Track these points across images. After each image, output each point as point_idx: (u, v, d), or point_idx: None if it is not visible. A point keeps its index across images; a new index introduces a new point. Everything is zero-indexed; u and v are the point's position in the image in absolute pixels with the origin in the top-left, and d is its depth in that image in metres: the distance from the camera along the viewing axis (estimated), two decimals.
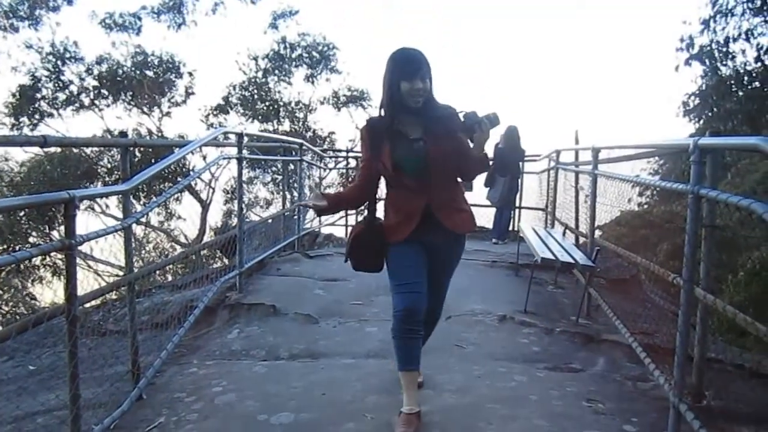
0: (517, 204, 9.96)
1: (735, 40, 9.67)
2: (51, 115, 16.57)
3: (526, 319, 4.76)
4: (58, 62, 16.40)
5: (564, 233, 6.59)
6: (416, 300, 2.72)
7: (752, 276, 6.87)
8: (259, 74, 17.85)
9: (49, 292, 14.73)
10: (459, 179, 2.92)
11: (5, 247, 14.43)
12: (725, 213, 2.84)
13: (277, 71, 17.54)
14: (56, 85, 16.51)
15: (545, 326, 4.62)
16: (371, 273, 3.07)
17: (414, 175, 2.75)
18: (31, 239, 14.93)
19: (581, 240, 6.35)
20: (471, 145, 2.74)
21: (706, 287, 2.90)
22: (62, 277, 2.77)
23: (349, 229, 7.05)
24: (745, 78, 9.83)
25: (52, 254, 9.93)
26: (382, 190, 3.01)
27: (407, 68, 2.68)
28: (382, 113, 2.81)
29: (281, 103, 17.83)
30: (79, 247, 3.00)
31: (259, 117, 17.62)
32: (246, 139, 5.55)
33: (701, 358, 3.17)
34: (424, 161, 2.72)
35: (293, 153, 7.88)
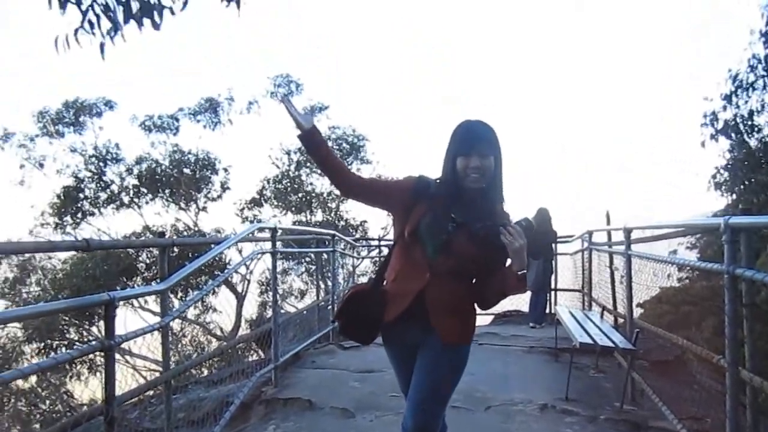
0: (552, 286, 9.84)
1: (759, 113, 9.70)
2: (93, 213, 17.18)
3: (568, 407, 4.61)
4: (101, 163, 17.16)
5: (602, 315, 6.47)
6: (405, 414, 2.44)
7: None
8: (292, 167, 18.34)
9: (85, 389, 14.75)
10: (475, 292, 2.53)
11: (44, 344, 14.63)
12: None
13: (309, 164, 18.00)
14: (98, 185, 17.20)
15: (588, 414, 4.46)
16: (358, 343, 2.68)
17: (428, 253, 2.41)
18: (69, 335, 15.12)
19: (620, 321, 6.21)
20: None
21: (752, 368, 2.81)
22: (99, 373, 2.82)
23: None
24: None
25: None
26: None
27: (465, 142, 2.40)
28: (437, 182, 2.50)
29: (314, 195, 18.20)
30: None
31: (293, 209, 17.97)
32: (279, 232, 5.67)
33: None
34: (445, 247, 2.39)
35: (326, 243, 7.98)
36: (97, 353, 2.74)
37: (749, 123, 9.76)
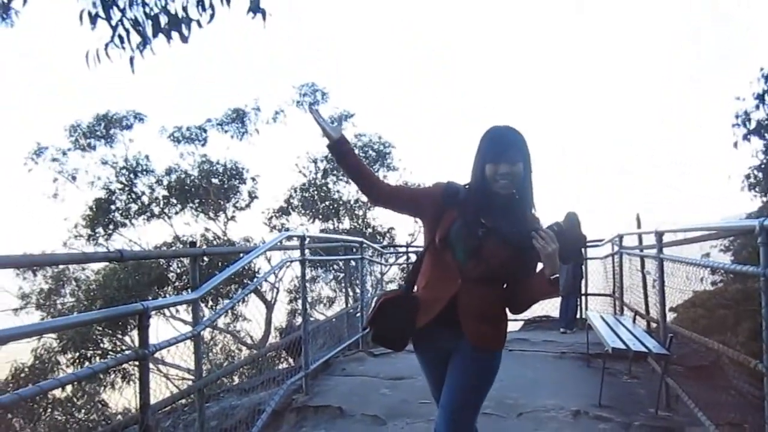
0: (583, 291, 9.73)
1: None
2: (124, 224, 17.46)
3: (601, 414, 4.55)
4: (131, 175, 17.44)
5: (634, 319, 6.38)
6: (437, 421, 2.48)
7: None
8: (319, 175, 18.44)
9: (119, 397, 14.95)
10: (507, 297, 2.53)
11: (79, 354, 14.88)
12: None
13: (335, 171, 18.09)
14: (129, 196, 17.49)
15: (622, 420, 4.40)
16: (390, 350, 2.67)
17: (460, 259, 2.41)
18: (103, 345, 15.36)
19: (653, 325, 6.12)
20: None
21: None
22: (132, 382, 2.86)
23: None
24: None
25: None
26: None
27: (494, 149, 2.39)
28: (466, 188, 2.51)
29: (341, 202, 18.27)
30: None
31: (320, 216, 18.06)
32: (308, 240, 5.70)
33: None
34: (477, 252, 2.39)
35: (354, 251, 8.00)
36: (132, 362, 2.78)
37: None
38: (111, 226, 17.31)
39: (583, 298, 9.86)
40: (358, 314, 7.96)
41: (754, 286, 2.98)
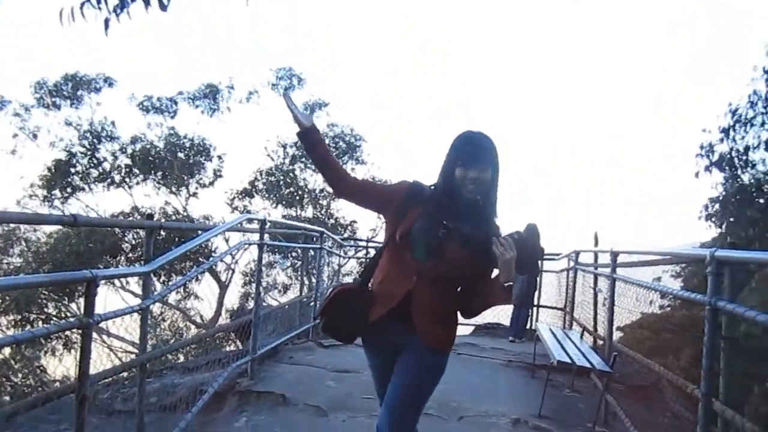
0: (535, 302, 9.88)
1: (755, 149, 9.79)
2: (83, 189, 17.08)
3: (540, 424, 4.62)
4: (95, 140, 17.06)
5: (582, 335, 6.50)
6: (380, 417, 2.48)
7: None
8: (287, 161, 18.31)
9: (59, 365, 14.65)
10: (460, 300, 2.54)
11: (21, 317, 14.51)
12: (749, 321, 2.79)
13: (303, 159, 17.99)
14: (90, 161, 17.11)
15: None
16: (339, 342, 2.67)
17: (419, 258, 2.41)
18: (47, 309, 15.01)
19: (599, 343, 6.24)
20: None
21: (725, 401, 2.83)
22: (74, 350, 2.80)
23: None
24: (766, 187, 9.87)
25: None
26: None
27: (465, 154, 2.41)
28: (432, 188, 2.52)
29: (306, 190, 18.18)
30: None
31: (284, 202, 17.94)
32: (269, 225, 5.65)
33: None
34: (437, 252, 2.39)
35: (314, 240, 7.97)
36: (75, 330, 2.72)
37: (744, 158, 9.84)
38: (69, 190, 16.93)
39: (535, 309, 10.00)
40: (312, 303, 7.94)
41: (700, 314, 3.05)
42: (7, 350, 14.15)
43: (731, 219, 10.28)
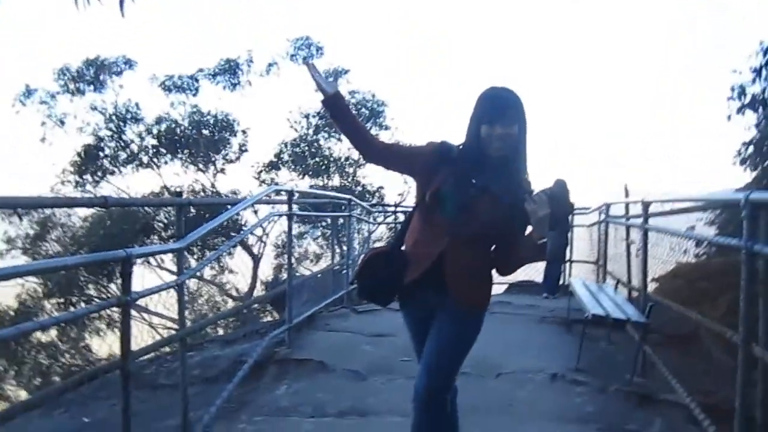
0: (568, 257, 9.82)
1: None
2: (113, 172, 17.34)
3: (578, 378, 4.63)
4: (120, 123, 17.24)
5: (616, 288, 6.46)
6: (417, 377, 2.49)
7: None
8: (310, 131, 18.29)
9: (104, 344, 15.09)
10: (495, 258, 2.54)
11: (65, 299, 14.93)
12: None
13: (327, 128, 17.94)
14: (118, 144, 17.33)
15: (599, 385, 4.48)
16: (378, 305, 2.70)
17: (450, 217, 2.38)
18: (88, 291, 15.41)
19: (634, 294, 6.19)
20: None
21: (765, 345, 2.79)
22: (116, 329, 2.87)
23: None
24: None
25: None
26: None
27: (490, 110, 2.36)
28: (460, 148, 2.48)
29: (331, 159, 18.18)
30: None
31: (310, 173, 17.98)
32: (296, 195, 5.68)
33: (764, 421, 3.02)
34: (467, 210, 2.37)
35: (342, 208, 8.00)
36: (115, 309, 2.78)
37: None
38: (99, 174, 17.19)
39: (568, 264, 9.95)
40: (344, 271, 8.00)
41: (737, 260, 3.00)
42: (54, 332, 14.63)
43: (767, 162, 10.03)
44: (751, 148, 10.19)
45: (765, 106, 9.70)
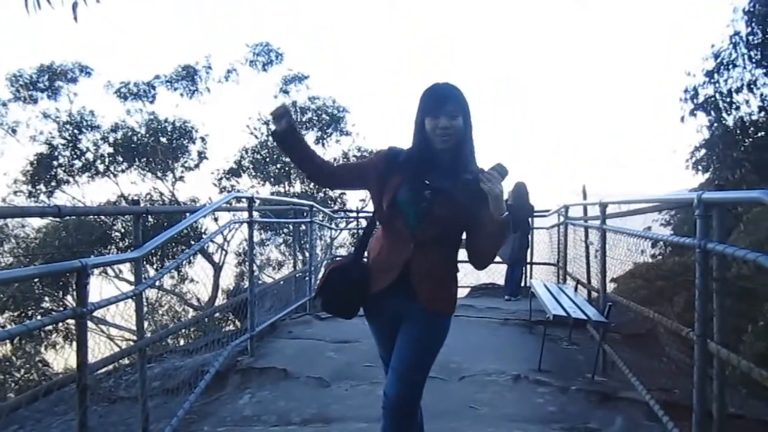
0: (528, 260, 9.94)
1: (738, 91, 9.77)
2: (67, 182, 16.93)
3: (540, 378, 4.69)
4: (75, 131, 16.86)
5: (576, 288, 6.55)
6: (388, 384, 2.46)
7: None
8: (271, 138, 18.15)
9: (59, 357, 14.69)
10: (462, 253, 2.50)
11: (18, 313, 14.49)
12: (740, 262, 2.81)
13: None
14: (72, 152, 16.92)
15: (560, 385, 4.54)
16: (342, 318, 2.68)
17: (411, 224, 2.37)
18: (44, 304, 15.00)
19: (594, 295, 6.30)
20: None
21: (720, 341, 2.86)
22: (74, 342, 2.79)
23: None
24: (751, 128, 9.90)
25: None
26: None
27: (432, 103, 2.36)
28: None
29: (292, 165, 18.05)
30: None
31: (271, 179, 17.85)
32: (257, 202, 5.63)
33: (720, 415, 3.10)
34: (427, 214, 2.35)
35: (304, 215, 7.95)
36: (71, 321, 2.70)
37: (728, 100, 9.85)
38: (53, 183, 16.77)
39: (528, 266, 10.07)
40: (307, 278, 7.95)
41: (691, 259, 3.08)
42: (8, 347, 14.18)
43: (717, 163, 10.33)
44: (703, 151, 10.49)
45: (716, 109, 10.00)
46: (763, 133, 9.85)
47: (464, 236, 2.50)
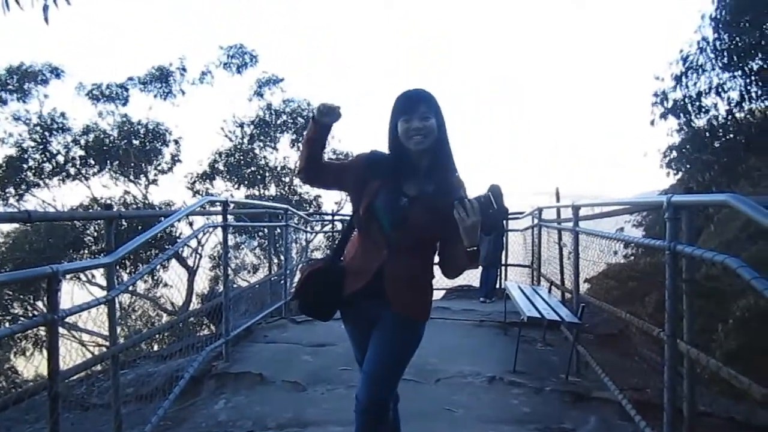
0: (503, 262, 10.02)
1: (707, 94, 9.98)
2: (37, 185, 16.60)
3: (515, 379, 4.73)
4: (46, 133, 16.54)
5: (550, 290, 6.62)
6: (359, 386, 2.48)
7: (741, 324, 6.88)
8: (245, 140, 18.05)
9: (30, 365, 14.43)
10: (436, 260, 2.52)
11: None
12: (709, 264, 2.87)
13: (262, 137, 17.75)
14: (43, 155, 16.59)
15: (535, 386, 4.59)
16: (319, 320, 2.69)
17: (386, 230, 2.38)
18: (13, 309, 14.72)
19: (567, 296, 6.37)
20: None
21: (690, 341, 2.92)
22: (45, 349, 2.75)
23: None
24: (719, 131, 10.11)
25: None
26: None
27: (404, 105, 2.37)
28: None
29: (267, 169, 17.99)
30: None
31: (246, 182, 17.73)
32: (231, 206, 5.59)
33: (691, 413, 3.16)
34: (401, 222, 2.36)
35: (279, 218, 7.92)
36: (41, 328, 2.66)
37: (697, 104, 10.04)
38: (23, 186, 16.40)
39: (503, 268, 10.15)
40: (282, 281, 7.92)
41: (662, 260, 3.13)
42: None
43: (688, 165, 10.53)
44: (674, 153, 10.69)
45: (686, 113, 10.18)
46: (731, 135, 10.05)
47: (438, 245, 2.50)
